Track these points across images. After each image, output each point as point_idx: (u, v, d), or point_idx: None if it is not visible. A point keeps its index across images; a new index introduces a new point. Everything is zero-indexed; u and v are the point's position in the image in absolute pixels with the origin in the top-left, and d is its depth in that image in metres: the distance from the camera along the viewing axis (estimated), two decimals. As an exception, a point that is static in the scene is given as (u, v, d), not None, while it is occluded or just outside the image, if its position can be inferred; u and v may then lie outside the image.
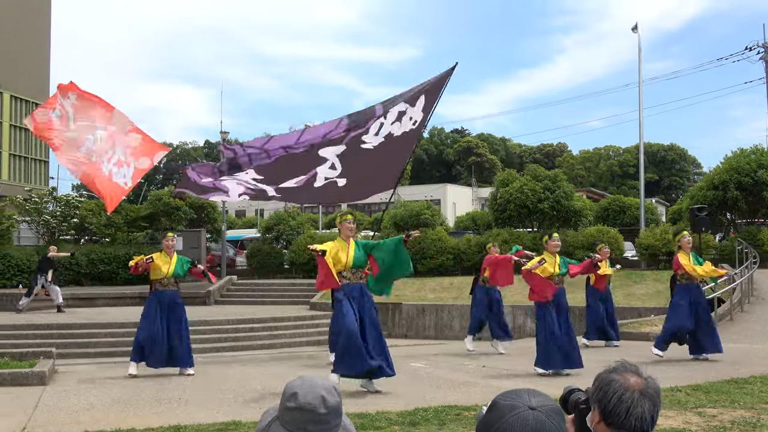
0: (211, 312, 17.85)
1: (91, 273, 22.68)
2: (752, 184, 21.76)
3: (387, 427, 6.07)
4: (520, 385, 2.16)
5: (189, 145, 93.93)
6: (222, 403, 7.52)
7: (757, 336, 12.86)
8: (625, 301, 16.64)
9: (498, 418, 1.67)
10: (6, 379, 8.71)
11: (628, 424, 1.90)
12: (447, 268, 22.66)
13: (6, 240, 22.97)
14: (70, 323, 14.81)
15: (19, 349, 11.80)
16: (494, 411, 1.70)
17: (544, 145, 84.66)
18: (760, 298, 16.44)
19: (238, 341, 14.53)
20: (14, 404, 7.48)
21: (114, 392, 8.23)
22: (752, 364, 9.80)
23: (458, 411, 6.72)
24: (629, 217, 27.93)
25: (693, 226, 17.74)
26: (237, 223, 48.08)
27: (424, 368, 10.19)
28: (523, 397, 1.70)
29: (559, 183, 23.64)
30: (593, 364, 9.54)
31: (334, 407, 1.78)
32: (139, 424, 6.32)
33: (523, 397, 1.70)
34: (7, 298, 18.69)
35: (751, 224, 23.28)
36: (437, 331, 17.33)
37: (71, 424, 6.49)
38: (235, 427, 6.16)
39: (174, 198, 25.07)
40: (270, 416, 1.83)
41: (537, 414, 1.66)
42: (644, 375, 1.98)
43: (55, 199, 25.81)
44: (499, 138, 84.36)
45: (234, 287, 23.27)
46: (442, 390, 8.22)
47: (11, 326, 14.33)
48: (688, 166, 78.21)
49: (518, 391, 1.74)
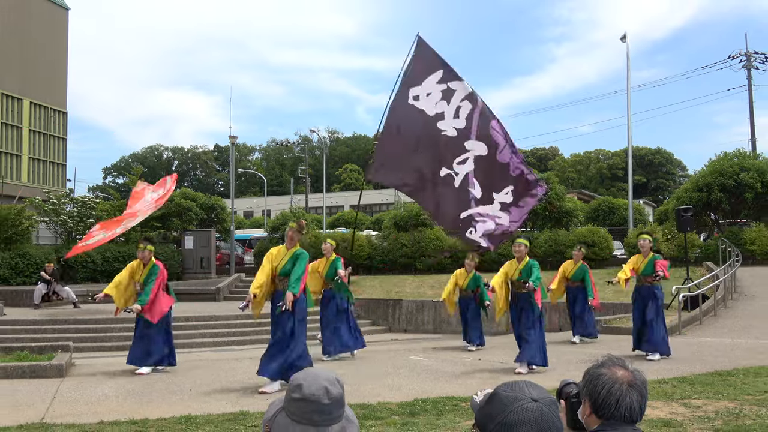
0: (220, 308, 17.84)
1: (106, 270, 22.66)
2: (735, 186, 21.75)
3: (388, 417, 6.07)
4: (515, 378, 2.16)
5: (199, 149, 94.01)
6: (230, 395, 7.52)
7: (740, 331, 12.84)
8: (614, 298, 16.61)
9: (502, 410, 1.66)
10: (26, 372, 8.72)
11: (618, 414, 1.91)
12: (445, 266, 22.66)
13: (26, 239, 22.99)
14: (86, 318, 14.81)
15: (38, 343, 11.82)
16: (496, 402, 1.69)
17: (536, 148, 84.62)
18: (743, 294, 16.42)
19: (245, 335, 14.51)
20: (34, 395, 7.48)
21: (128, 384, 8.23)
22: (735, 357, 9.79)
23: (456, 402, 6.72)
24: (618, 218, 27.92)
25: (679, 226, 17.74)
26: (245, 223, 48.07)
27: (423, 361, 10.18)
28: (524, 389, 1.70)
29: (552, 185, 23.65)
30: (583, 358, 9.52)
31: (337, 398, 1.78)
32: (152, 415, 6.32)
33: (524, 389, 1.70)
34: (26, 295, 18.69)
35: (734, 224, 23.28)
36: (435, 326, 17.31)
37: (88, 414, 6.49)
38: (243, 418, 6.15)
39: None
40: (276, 407, 1.83)
41: (539, 406, 1.66)
42: (631, 368, 1.98)
43: (72, 201, 25.81)
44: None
45: (242, 284, 23.25)
46: (440, 382, 8.21)
47: (30, 321, 14.34)
48: (674, 169, 78.17)
49: (518, 383, 1.74)
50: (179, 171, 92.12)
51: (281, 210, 36.09)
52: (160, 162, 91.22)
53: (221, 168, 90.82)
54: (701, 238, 23.24)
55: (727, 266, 17.10)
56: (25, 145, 36.63)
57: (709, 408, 6.25)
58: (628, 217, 25.23)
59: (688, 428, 5.53)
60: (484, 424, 1.69)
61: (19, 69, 35.30)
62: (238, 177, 75.93)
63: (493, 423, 1.66)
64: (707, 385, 7.46)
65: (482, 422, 1.70)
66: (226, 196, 39.11)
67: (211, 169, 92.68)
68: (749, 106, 35.10)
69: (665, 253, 19.83)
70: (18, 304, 18.35)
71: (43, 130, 37.54)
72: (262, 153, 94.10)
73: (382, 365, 9.71)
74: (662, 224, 23.84)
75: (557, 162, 79.59)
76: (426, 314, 17.73)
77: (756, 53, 35.45)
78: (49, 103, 37.43)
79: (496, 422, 1.65)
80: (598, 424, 1.95)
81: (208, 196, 29.48)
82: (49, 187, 34.72)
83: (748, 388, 7.23)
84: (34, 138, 37.15)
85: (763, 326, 13.09)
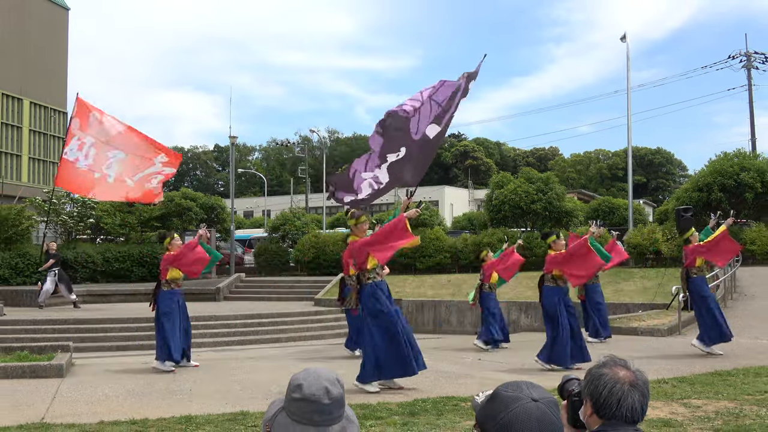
0: (221, 308, 17.84)
1: (106, 270, 22.66)
2: (735, 186, 21.75)
3: (388, 417, 6.06)
4: (515, 378, 2.16)
5: (199, 149, 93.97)
6: (231, 395, 7.51)
7: (740, 330, 12.83)
8: (615, 298, 16.62)
9: (502, 409, 1.67)
10: (26, 372, 8.72)
11: (619, 414, 1.90)
12: (444, 266, 22.66)
13: (26, 239, 22.97)
14: (86, 318, 14.79)
15: (38, 343, 11.81)
16: (497, 401, 1.70)
17: (537, 149, 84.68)
18: (743, 294, 16.42)
19: (245, 335, 14.50)
20: (34, 395, 7.48)
21: (128, 384, 8.22)
22: (735, 357, 9.79)
23: (456, 402, 6.71)
24: (618, 218, 27.91)
25: (679, 226, 17.73)
26: (245, 223, 48.07)
27: (423, 361, 10.16)
28: (524, 389, 1.71)
29: (552, 185, 23.65)
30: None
31: (338, 398, 1.78)
32: (152, 415, 6.31)
33: (524, 390, 1.70)
34: (26, 295, 18.68)
35: (734, 224, 23.21)
36: (435, 326, 17.31)
37: (88, 414, 6.48)
38: (243, 418, 6.15)
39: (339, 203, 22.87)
40: (276, 407, 1.83)
41: (540, 405, 1.66)
42: (633, 368, 1.98)
43: (72, 201, 25.79)
44: (494, 142, 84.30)
45: (242, 284, 23.26)
46: (440, 382, 8.21)
47: (30, 321, 14.33)
48: (674, 169, 78.17)
49: (518, 383, 1.74)
50: (179, 171, 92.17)
51: (281, 210, 36.05)
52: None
53: (221, 168, 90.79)
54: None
55: (727, 266, 17.08)
56: (25, 145, 36.62)
57: (709, 408, 6.25)
58: (628, 217, 25.22)
59: (688, 428, 5.53)
60: (485, 423, 1.69)
61: (19, 69, 35.28)
62: (238, 177, 75.92)
63: (493, 422, 1.66)
64: (707, 385, 7.46)
65: (483, 422, 1.71)
66: (226, 196, 39.10)
67: (211, 169, 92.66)
68: (749, 106, 35.13)
69: (665, 253, 19.85)
70: (18, 304, 18.33)
71: (43, 130, 37.55)
72: (262, 153, 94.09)
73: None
74: (662, 224, 23.82)
75: (557, 162, 79.59)
76: (426, 314, 17.73)
77: (756, 53, 35.45)
78: (49, 103, 37.42)
79: (497, 422, 1.66)
80: (599, 424, 1.94)
81: (208, 196, 29.48)
82: (50, 187, 34.68)
83: (748, 388, 7.23)
84: (34, 138, 37.14)
85: (763, 326, 13.09)
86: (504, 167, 69.17)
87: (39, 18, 36.60)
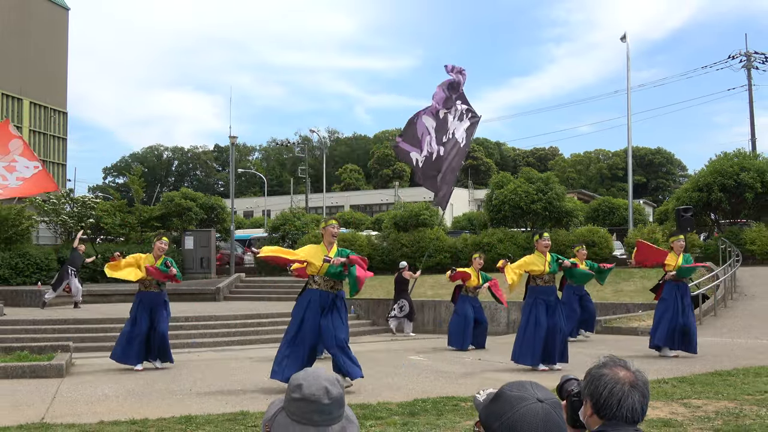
0: (220, 308, 17.84)
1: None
2: (735, 186, 21.74)
3: (388, 417, 6.06)
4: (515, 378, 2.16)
5: (199, 149, 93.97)
6: (230, 395, 7.51)
7: (740, 330, 12.84)
8: (614, 298, 16.62)
9: (507, 409, 1.67)
10: (26, 372, 8.72)
11: (619, 415, 1.90)
12: (445, 266, 22.65)
13: (26, 239, 22.98)
14: (86, 318, 14.80)
15: (38, 343, 11.81)
16: (502, 401, 1.69)
17: (536, 149, 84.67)
18: (743, 294, 16.41)
19: (245, 335, 14.51)
20: (34, 395, 7.48)
21: (128, 384, 8.22)
22: (735, 357, 9.78)
23: (456, 402, 6.71)
24: (618, 218, 27.91)
25: (679, 226, 17.74)
26: (245, 223, 48.04)
27: (423, 361, 10.18)
28: (529, 389, 1.71)
29: (552, 185, 23.63)
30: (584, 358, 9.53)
31: (337, 398, 1.78)
32: (152, 415, 6.31)
33: (529, 390, 1.70)
34: (26, 295, 18.68)
35: (734, 224, 23.26)
36: (435, 326, 17.30)
37: (88, 414, 6.48)
38: (243, 418, 6.15)
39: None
40: (276, 407, 1.83)
41: (545, 406, 1.66)
42: (633, 368, 1.98)
43: (72, 201, 25.79)
44: (494, 142, 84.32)
45: (242, 284, 23.26)
46: (440, 382, 8.21)
47: (30, 321, 14.33)
48: (674, 169, 78.16)
49: (523, 383, 1.74)
50: (179, 171, 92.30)
51: (281, 210, 36.05)
52: (160, 162, 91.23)
53: (221, 168, 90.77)
54: (701, 238, 23.24)
55: (727, 266, 17.09)
56: (25, 145, 36.67)
57: (709, 408, 6.25)
58: (628, 217, 25.23)
59: (688, 428, 5.53)
60: (489, 422, 1.69)
61: (19, 69, 35.28)
62: (238, 177, 75.88)
63: (498, 422, 1.66)
64: (707, 385, 7.46)
65: (487, 421, 1.70)
66: (226, 196, 39.08)
67: (211, 169, 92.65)
68: (749, 106, 35.11)
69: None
70: (18, 304, 18.33)
71: (43, 130, 37.54)
72: (262, 153, 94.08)
73: (382, 365, 9.69)
74: (662, 224, 23.83)
75: (557, 162, 79.57)
76: (426, 314, 17.72)
77: (756, 53, 35.44)
78: (49, 103, 37.41)
79: (502, 421, 1.65)
80: (599, 425, 1.94)
81: (208, 196, 29.47)
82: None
83: (748, 388, 7.22)
84: (34, 138, 37.11)
85: (763, 326, 13.08)
86: (504, 167, 69.24)
87: (39, 18, 36.59)
